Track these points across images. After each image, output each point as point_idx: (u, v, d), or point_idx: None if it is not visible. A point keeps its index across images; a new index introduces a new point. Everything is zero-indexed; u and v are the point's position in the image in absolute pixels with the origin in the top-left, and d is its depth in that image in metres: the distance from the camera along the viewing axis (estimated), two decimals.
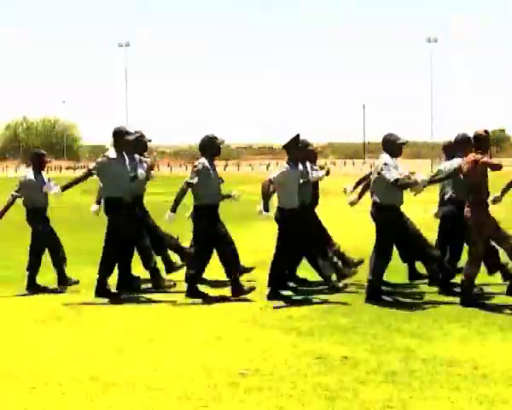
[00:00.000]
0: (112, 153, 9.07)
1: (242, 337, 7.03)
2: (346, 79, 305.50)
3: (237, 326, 7.49)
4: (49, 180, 9.69)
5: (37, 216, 9.66)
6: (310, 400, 5.28)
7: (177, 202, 8.82)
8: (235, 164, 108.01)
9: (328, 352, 6.45)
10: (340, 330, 7.26)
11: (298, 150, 9.01)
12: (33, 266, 9.67)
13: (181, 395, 5.40)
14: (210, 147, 9.04)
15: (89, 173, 9.10)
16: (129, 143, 9.27)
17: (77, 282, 9.71)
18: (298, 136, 8.97)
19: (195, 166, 8.90)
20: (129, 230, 9.01)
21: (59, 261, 9.72)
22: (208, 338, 7.00)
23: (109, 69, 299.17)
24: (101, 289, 8.95)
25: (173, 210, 8.80)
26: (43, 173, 9.93)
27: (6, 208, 9.75)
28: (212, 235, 8.90)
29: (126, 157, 9.21)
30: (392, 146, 8.69)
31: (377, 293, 8.54)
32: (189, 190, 8.88)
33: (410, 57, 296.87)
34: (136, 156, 9.59)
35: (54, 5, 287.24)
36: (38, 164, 9.88)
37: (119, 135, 9.20)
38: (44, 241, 9.68)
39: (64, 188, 9.09)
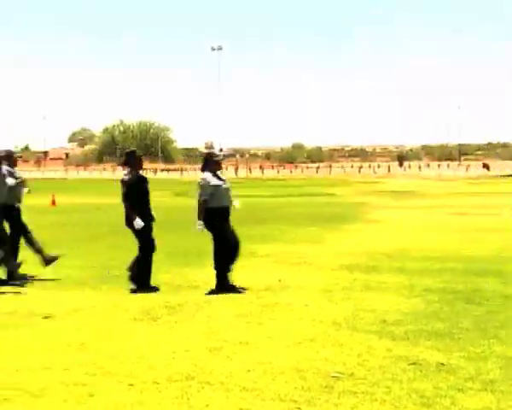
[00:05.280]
0: None
1: (336, 340, 6.99)
2: (440, 79, 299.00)
3: (330, 329, 7.45)
4: None
5: None
6: (405, 406, 5.19)
7: None
8: (327, 166, 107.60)
9: (424, 358, 6.34)
10: (435, 335, 7.11)
11: None
12: None
13: (274, 397, 5.41)
14: None
15: None
16: None
17: None
18: None
19: None
20: None
21: None
22: (301, 340, 6.99)
23: (203, 73, 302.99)
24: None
25: None
26: None
27: None
28: None
29: None
30: None
31: None
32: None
33: None
34: None
35: (152, 9, 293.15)
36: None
37: None
38: None
39: None
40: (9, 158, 11.28)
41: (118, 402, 5.35)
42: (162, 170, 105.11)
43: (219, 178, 9.68)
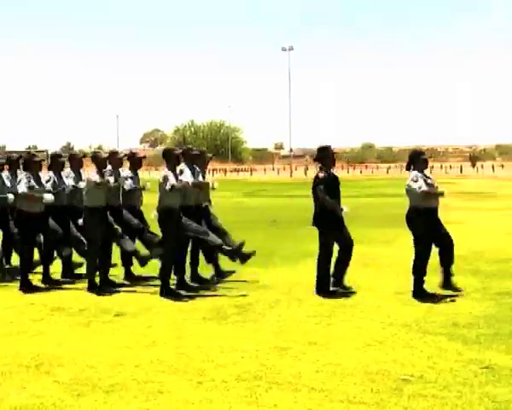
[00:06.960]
0: None
1: (406, 343, 6.91)
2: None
3: (400, 331, 7.36)
4: None
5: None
6: None
7: None
8: (399, 166, 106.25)
9: (497, 362, 6.20)
10: (509, 339, 6.95)
11: None
12: None
13: (343, 398, 5.38)
14: None
15: None
16: None
17: None
18: None
19: None
20: None
21: None
22: (371, 342, 6.93)
23: (273, 73, 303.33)
24: None
25: None
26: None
27: None
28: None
29: None
30: None
31: None
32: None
33: None
34: None
35: (222, 9, 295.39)
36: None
37: None
38: None
39: None
40: (200, 158, 10.69)
41: (186, 400, 5.41)
42: (232, 170, 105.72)
43: (427, 177, 9.24)
